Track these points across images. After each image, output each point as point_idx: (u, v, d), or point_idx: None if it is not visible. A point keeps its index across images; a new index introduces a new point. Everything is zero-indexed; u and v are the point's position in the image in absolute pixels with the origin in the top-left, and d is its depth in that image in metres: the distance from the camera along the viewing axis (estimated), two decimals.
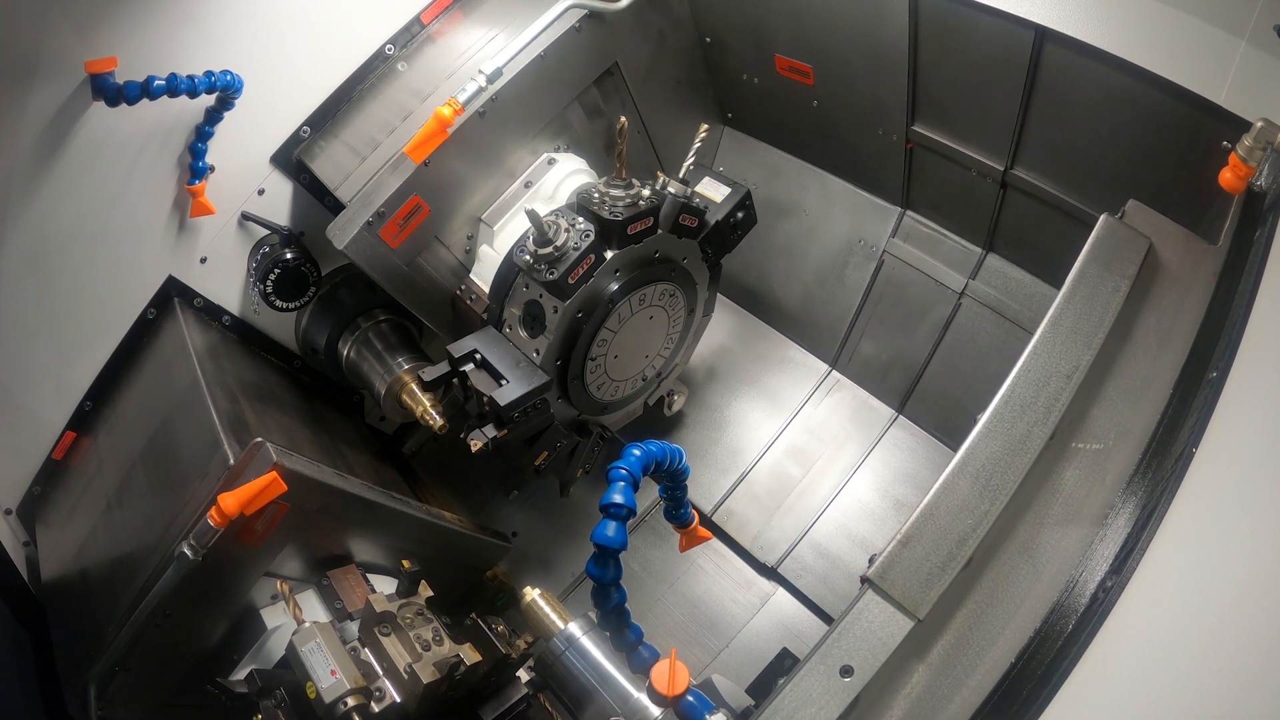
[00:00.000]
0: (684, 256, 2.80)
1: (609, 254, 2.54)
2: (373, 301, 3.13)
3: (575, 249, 2.45)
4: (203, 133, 2.59)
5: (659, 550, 3.52)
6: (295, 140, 2.81)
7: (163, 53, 2.43)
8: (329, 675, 1.95)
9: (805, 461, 3.58)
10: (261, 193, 2.85)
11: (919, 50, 2.76)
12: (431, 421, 2.82)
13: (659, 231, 2.63)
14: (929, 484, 1.65)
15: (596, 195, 2.56)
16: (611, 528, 1.56)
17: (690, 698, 1.60)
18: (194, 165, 2.62)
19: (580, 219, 2.53)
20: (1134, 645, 1.34)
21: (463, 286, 2.83)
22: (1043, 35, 2.36)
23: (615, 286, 2.60)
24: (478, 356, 2.57)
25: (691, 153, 2.64)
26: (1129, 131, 2.39)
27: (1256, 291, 1.65)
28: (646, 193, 2.59)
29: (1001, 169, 2.87)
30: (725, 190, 2.88)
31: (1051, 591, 1.54)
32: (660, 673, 1.58)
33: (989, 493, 1.62)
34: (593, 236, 2.48)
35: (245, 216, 2.85)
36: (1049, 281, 3.13)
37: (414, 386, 2.92)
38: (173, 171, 2.62)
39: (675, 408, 3.56)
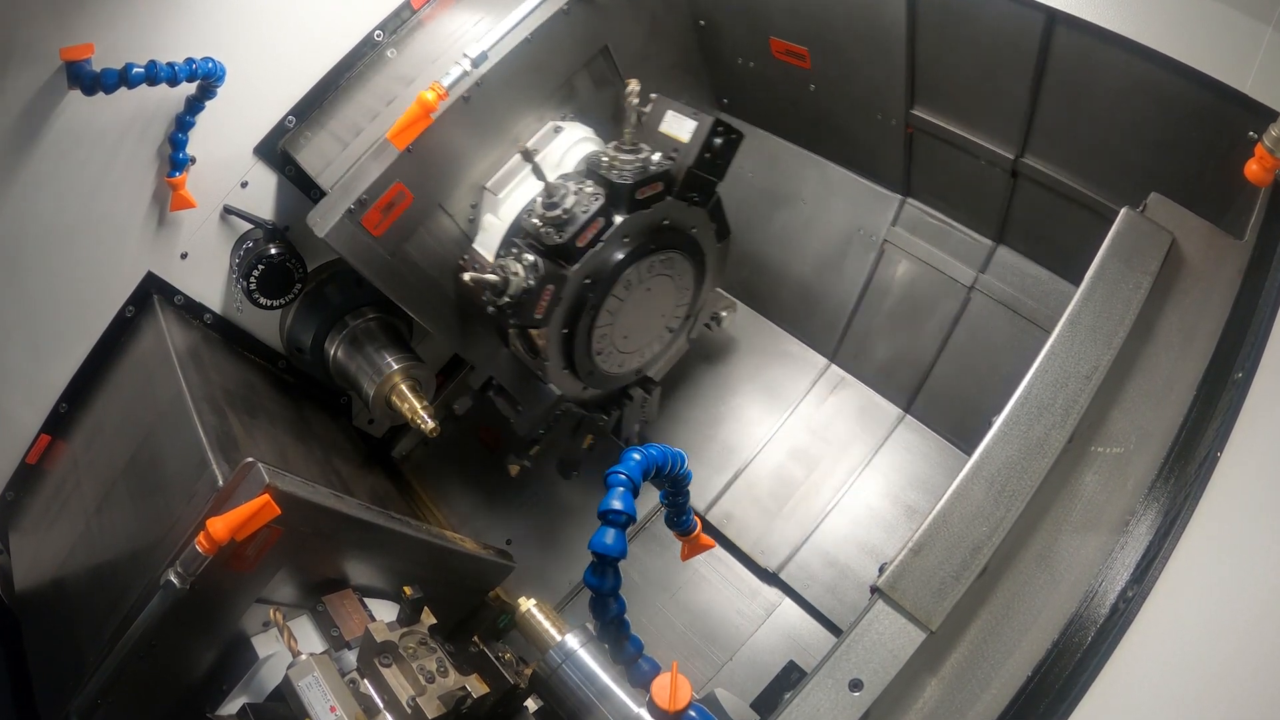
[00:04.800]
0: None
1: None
2: (361, 299, 3.13)
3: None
4: (183, 123, 2.59)
5: (660, 558, 3.52)
6: (280, 131, 2.81)
7: (141, 39, 2.43)
8: (328, 712, 1.91)
9: (809, 463, 3.59)
10: (245, 185, 2.85)
11: (917, 32, 2.77)
12: (423, 424, 2.82)
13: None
14: (942, 489, 1.65)
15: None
16: (610, 535, 1.56)
17: (692, 713, 1.60)
18: (174, 157, 2.61)
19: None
20: (1156, 658, 1.34)
21: (465, 256, 2.82)
22: (1053, 19, 2.36)
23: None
24: (495, 383, 2.78)
25: (633, 114, 2.60)
26: (1150, 121, 2.39)
27: None
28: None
29: (1011, 157, 2.87)
30: (692, 125, 2.73)
31: (1070, 602, 1.54)
32: (661, 686, 1.57)
33: (1004, 498, 1.61)
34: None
35: (228, 210, 2.84)
36: (1066, 277, 3.12)
37: (404, 388, 2.91)
38: (152, 163, 2.62)
39: (726, 324, 3.54)
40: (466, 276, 2.47)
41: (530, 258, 2.53)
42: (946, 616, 1.51)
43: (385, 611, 2.46)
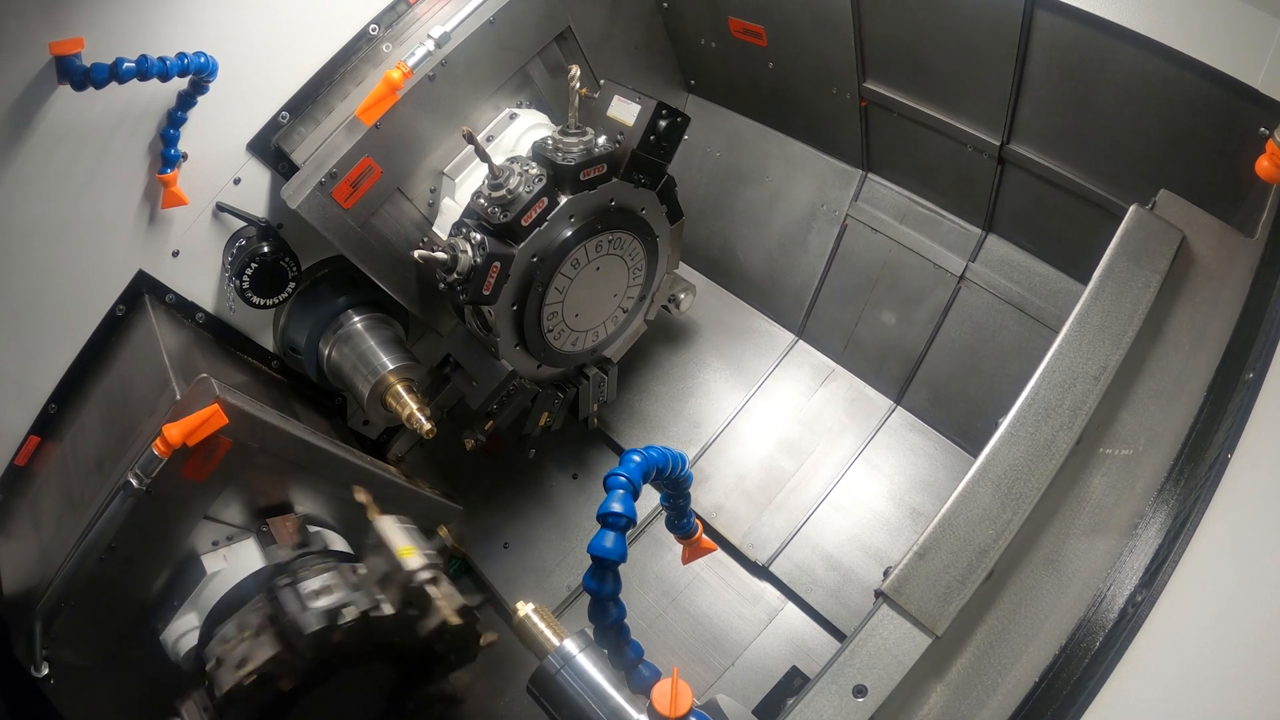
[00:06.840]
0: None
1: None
2: (356, 298, 3.13)
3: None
4: (175, 118, 2.58)
5: (660, 562, 3.52)
6: (274, 126, 2.81)
7: (132, 33, 2.43)
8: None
9: (798, 455, 3.62)
10: (238, 182, 2.85)
11: (862, 3, 2.85)
12: (419, 425, 2.82)
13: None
14: (947, 491, 1.65)
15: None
16: (610, 538, 1.56)
17: (694, 719, 1.60)
18: (166, 153, 2.61)
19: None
20: (1166, 663, 1.34)
21: (425, 239, 2.94)
22: (1034, 2, 2.38)
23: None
24: (452, 360, 2.94)
25: (575, 99, 2.66)
26: (1159, 117, 2.39)
27: None
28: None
29: (996, 143, 2.90)
30: (636, 109, 2.79)
31: (1078, 606, 1.54)
32: (662, 693, 1.58)
33: (1011, 501, 1.61)
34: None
35: (220, 207, 2.84)
36: (1072, 275, 3.13)
37: (400, 389, 2.91)
38: (143, 160, 2.62)
39: (685, 306, 3.59)
40: (416, 254, 2.58)
41: (478, 236, 2.63)
42: (952, 621, 1.52)
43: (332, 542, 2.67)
